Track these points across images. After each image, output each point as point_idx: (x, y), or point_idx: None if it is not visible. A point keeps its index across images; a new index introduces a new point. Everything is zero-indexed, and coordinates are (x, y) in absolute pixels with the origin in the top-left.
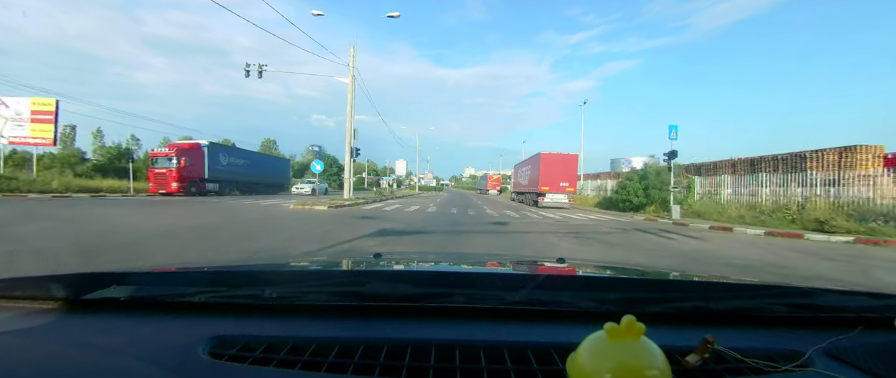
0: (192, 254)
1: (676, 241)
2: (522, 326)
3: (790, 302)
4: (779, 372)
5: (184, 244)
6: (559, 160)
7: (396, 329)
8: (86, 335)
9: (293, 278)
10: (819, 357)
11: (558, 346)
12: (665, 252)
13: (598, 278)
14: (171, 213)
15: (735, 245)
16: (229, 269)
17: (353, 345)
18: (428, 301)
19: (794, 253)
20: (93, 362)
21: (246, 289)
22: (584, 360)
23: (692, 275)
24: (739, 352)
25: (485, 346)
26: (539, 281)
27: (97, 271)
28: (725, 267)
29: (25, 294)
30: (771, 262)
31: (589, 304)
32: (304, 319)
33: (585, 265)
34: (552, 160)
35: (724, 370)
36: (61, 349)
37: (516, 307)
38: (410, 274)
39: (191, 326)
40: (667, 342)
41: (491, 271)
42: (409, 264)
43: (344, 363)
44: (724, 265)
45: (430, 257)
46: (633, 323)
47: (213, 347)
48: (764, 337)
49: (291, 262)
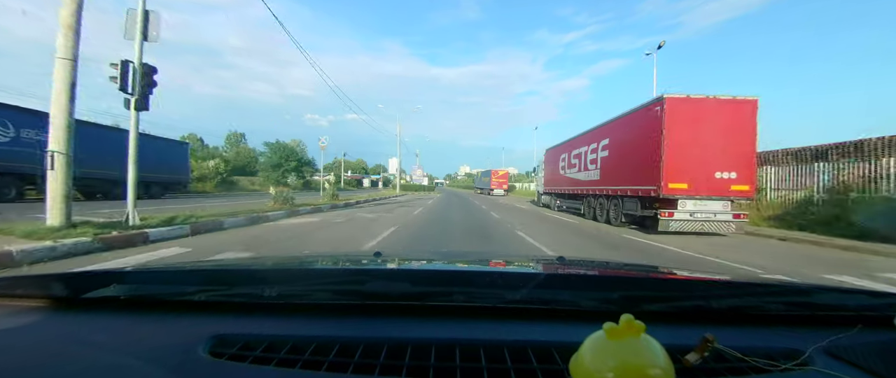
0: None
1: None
2: (523, 325)
3: (790, 301)
4: (779, 370)
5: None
6: (714, 111)
7: (397, 328)
8: (86, 334)
9: (293, 277)
10: (819, 356)
11: (559, 345)
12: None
13: (599, 277)
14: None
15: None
16: (229, 267)
17: (353, 344)
18: (428, 300)
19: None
20: (93, 361)
21: (246, 287)
22: (587, 359)
23: (692, 274)
24: (739, 350)
25: (485, 345)
26: (539, 280)
27: (97, 270)
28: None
29: (26, 293)
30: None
31: (589, 303)
32: (304, 318)
33: (586, 264)
34: (693, 113)
35: (724, 369)
36: (61, 347)
37: (517, 306)
38: (411, 273)
39: (191, 325)
40: (667, 341)
41: (491, 270)
42: (409, 263)
43: (344, 362)
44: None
45: (431, 256)
46: (631, 321)
47: (213, 346)
48: (764, 335)
49: (292, 261)
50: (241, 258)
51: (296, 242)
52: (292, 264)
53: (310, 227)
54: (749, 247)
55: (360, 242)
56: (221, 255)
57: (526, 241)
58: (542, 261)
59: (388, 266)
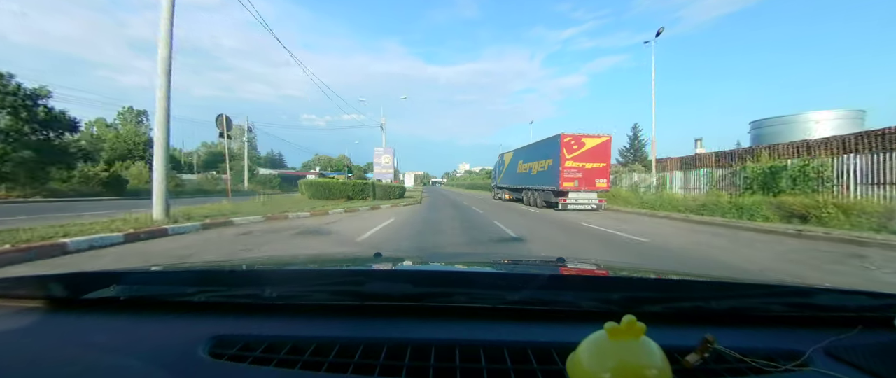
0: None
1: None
2: (522, 326)
3: (790, 301)
4: (779, 371)
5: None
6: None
7: (396, 329)
8: (86, 334)
9: (293, 278)
10: (819, 356)
11: (558, 346)
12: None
13: (599, 278)
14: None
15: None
16: (229, 268)
17: (353, 344)
18: (428, 300)
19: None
20: (93, 361)
21: (246, 288)
22: (585, 359)
23: (693, 274)
24: (739, 351)
25: (485, 345)
26: (539, 280)
27: (97, 271)
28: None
29: (26, 293)
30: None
31: (589, 304)
32: (304, 319)
33: (586, 265)
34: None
35: (724, 370)
36: (62, 348)
37: (516, 307)
38: (410, 273)
39: (191, 326)
40: (667, 342)
41: (491, 271)
42: (409, 264)
43: (344, 363)
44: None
45: (430, 257)
46: (633, 323)
47: (213, 347)
48: (764, 336)
49: (292, 262)
50: (241, 259)
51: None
52: (292, 265)
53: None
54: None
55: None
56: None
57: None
58: (543, 262)
59: (387, 267)
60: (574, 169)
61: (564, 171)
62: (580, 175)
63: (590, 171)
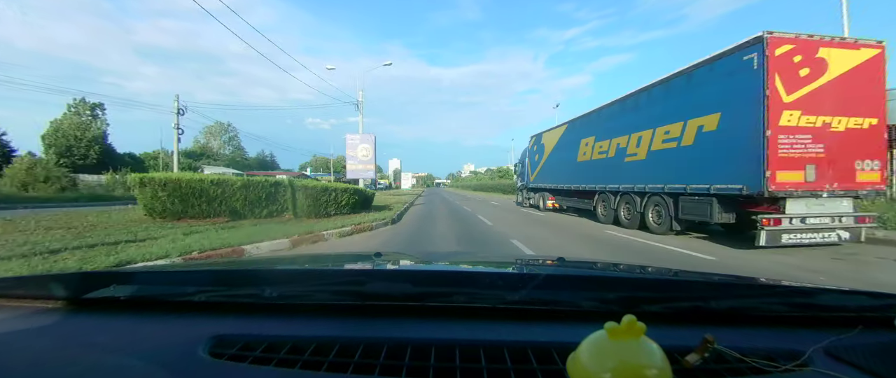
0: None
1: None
2: (522, 326)
3: (790, 301)
4: (779, 371)
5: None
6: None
7: (397, 328)
8: (87, 334)
9: (293, 278)
10: (819, 356)
11: (558, 346)
12: None
13: (599, 278)
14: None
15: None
16: (230, 268)
17: (353, 344)
18: (428, 300)
19: None
20: (93, 361)
21: (246, 288)
22: (585, 359)
23: (693, 274)
24: (739, 351)
25: (485, 345)
26: (539, 280)
27: (98, 270)
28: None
29: (27, 294)
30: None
31: (589, 304)
32: (304, 319)
33: (586, 265)
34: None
35: (724, 370)
36: (62, 349)
37: (516, 307)
38: (410, 273)
39: (191, 326)
40: (667, 341)
41: (491, 271)
42: (409, 263)
43: (344, 362)
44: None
45: (431, 257)
46: (633, 322)
47: (213, 347)
48: (764, 336)
49: (292, 262)
50: (240, 259)
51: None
52: (292, 265)
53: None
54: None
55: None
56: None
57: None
58: (543, 261)
59: (388, 267)
60: (807, 131)
61: (781, 136)
62: (821, 148)
63: (842, 137)
